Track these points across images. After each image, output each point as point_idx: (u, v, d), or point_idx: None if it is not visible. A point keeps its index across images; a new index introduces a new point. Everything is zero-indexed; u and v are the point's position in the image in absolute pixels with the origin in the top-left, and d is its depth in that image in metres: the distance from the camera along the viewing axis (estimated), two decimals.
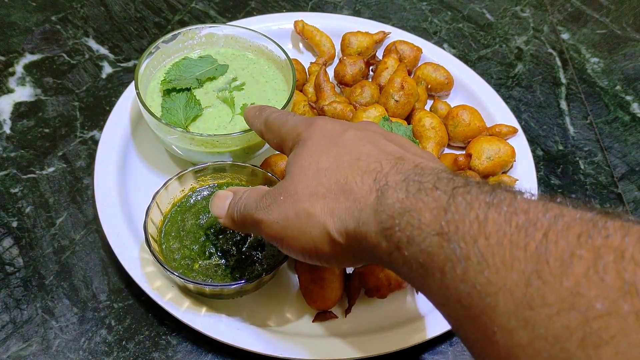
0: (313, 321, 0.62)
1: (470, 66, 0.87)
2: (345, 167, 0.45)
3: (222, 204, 0.54)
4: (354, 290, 0.62)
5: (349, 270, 0.65)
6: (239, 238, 0.62)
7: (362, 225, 0.42)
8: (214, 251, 0.61)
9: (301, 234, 0.46)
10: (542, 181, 0.78)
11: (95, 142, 0.75)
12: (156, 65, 0.75)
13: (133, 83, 0.72)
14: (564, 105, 0.88)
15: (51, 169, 0.74)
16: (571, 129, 0.85)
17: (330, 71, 0.84)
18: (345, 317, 0.62)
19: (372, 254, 0.43)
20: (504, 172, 0.74)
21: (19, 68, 0.85)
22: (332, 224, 0.44)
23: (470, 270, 0.34)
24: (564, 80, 0.91)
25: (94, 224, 0.69)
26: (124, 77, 0.85)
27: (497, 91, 0.83)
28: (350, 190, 0.44)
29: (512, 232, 0.33)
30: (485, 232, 0.34)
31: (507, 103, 0.82)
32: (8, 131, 0.77)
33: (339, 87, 0.82)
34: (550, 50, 0.95)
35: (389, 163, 0.44)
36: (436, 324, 0.61)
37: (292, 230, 0.46)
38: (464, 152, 0.74)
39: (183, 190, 0.65)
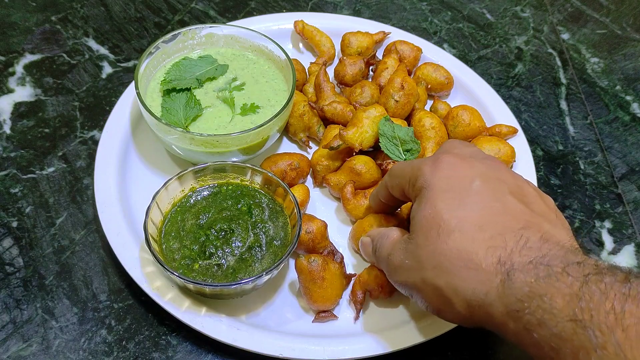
0: (313, 321, 0.62)
1: (470, 66, 0.87)
2: (468, 237, 0.47)
3: (368, 251, 0.60)
4: (359, 299, 0.62)
5: (349, 270, 0.65)
6: (239, 238, 0.62)
7: (488, 306, 0.44)
8: (214, 251, 0.60)
9: (427, 297, 0.49)
10: (542, 181, 0.78)
11: (95, 142, 0.75)
12: (156, 65, 0.75)
13: (133, 83, 0.72)
14: (564, 105, 0.88)
15: (51, 169, 0.74)
16: (571, 129, 0.85)
17: (330, 71, 0.84)
18: (355, 322, 0.62)
19: (498, 330, 0.45)
20: None
21: (19, 68, 0.85)
22: (456, 300, 0.46)
23: (605, 359, 0.35)
24: (564, 80, 0.91)
25: (94, 224, 0.69)
26: (124, 77, 0.85)
27: (497, 91, 0.83)
28: (475, 268, 0.45)
29: None
30: (622, 325, 0.36)
31: (507, 103, 0.82)
32: (8, 131, 0.77)
33: (339, 87, 0.82)
34: (550, 50, 0.95)
35: (513, 237, 0.45)
36: (436, 324, 0.60)
37: (419, 292, 0.50)
38: None
39: (183, 191, 0.65)
